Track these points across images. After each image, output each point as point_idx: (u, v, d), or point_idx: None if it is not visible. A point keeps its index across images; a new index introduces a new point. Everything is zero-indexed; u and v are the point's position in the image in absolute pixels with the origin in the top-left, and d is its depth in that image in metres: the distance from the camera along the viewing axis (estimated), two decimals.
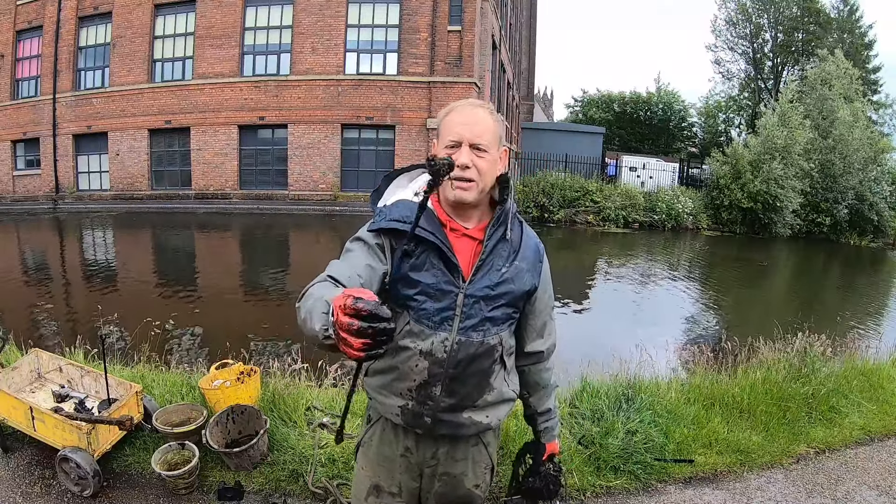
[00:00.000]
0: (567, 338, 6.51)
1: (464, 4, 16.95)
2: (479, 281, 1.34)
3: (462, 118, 1.33)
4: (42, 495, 2.48)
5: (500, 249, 1.37)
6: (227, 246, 13.57)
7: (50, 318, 6.60)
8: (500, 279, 1.35)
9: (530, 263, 1.41)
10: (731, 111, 39.92)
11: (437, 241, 1.30)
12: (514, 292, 1.37)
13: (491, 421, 1.43)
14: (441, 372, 1.35)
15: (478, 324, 1.34)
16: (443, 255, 1.31)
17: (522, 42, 34.54)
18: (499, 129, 1.36)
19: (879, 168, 19.64)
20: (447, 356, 1.34)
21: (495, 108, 1.75)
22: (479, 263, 1.34)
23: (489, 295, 1.34)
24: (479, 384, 1.38)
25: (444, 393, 1.36)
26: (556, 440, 1.67)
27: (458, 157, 1.30)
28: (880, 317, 8.93)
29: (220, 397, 2.93)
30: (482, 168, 1.31)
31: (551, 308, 1.51)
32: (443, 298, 1.33)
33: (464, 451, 1.46)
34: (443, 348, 1.33)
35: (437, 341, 1.33)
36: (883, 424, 3.31)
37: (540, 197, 17.29)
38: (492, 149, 1.33)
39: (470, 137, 1.31)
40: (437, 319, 1.33)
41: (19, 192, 20.28)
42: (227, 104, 18.21)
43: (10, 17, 20.02)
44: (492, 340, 1.36)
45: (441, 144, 1.36)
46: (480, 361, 1.36)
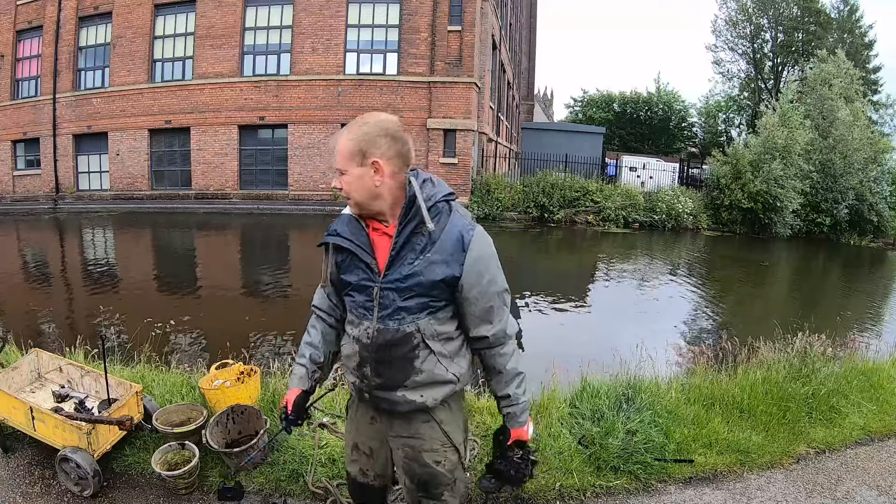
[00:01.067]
0: (567, 338, 6.53)
1: (464, 4, 16.95)
2: (391, 274, 1.51)
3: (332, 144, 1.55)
4: (42, 495, 2.48)
5: (413, 243, 1.50)
6: (227, 246, 13.57)
7: (50, 318, 6.60)
8: (409, 272, 1.49)
9: (447, 254, 1.49)
10: (732, 111, 39.97)
11: (353, 245, 1.55)
12: (423, 283, 1.49)
13: (426, 400, 1.57)
14: (368, 355, 1.57)
15: (392, 313, 1.52)
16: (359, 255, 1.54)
17: (522, 42, 34.54)
18: (354, 144, 1.47)
19: (879, 168, 19.62)
20: (370, 342, 1.55)
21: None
22: (390, 259, 1.51)
23: (399, 287, 1.50)
24: (402, 367, 1.55)
25: (373, 373, 1.58)
26: (524, 427, 1.68)
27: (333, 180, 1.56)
28: (880, 317, 8.93)
29: (220, 397, 2.93)
30: (345, 187, 1.51)
31: (495, 294, 1.55)
32: (364, 292, 1.55)
33: (416, 428, 1.63)
34: (366, 335, 1.55)
35: (362, 329, 1.56)
36: (883, 424, 3.31)
37: (540, 197, 17.28)
38: (349, 167, 1.49)
39: (334, 165, 1.52)
40: (362, 311, 1.56)
41: (19, 192, 20.29)
42: (227, 104, 18.21)
43: (10, 17, 20.03)
44: (407, 328, 1.52)
45: None
46: (399, 347, 1.53)
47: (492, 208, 16.99)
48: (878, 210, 19.38)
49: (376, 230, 1.55)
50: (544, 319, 7.44)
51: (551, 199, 17.24)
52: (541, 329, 7.01)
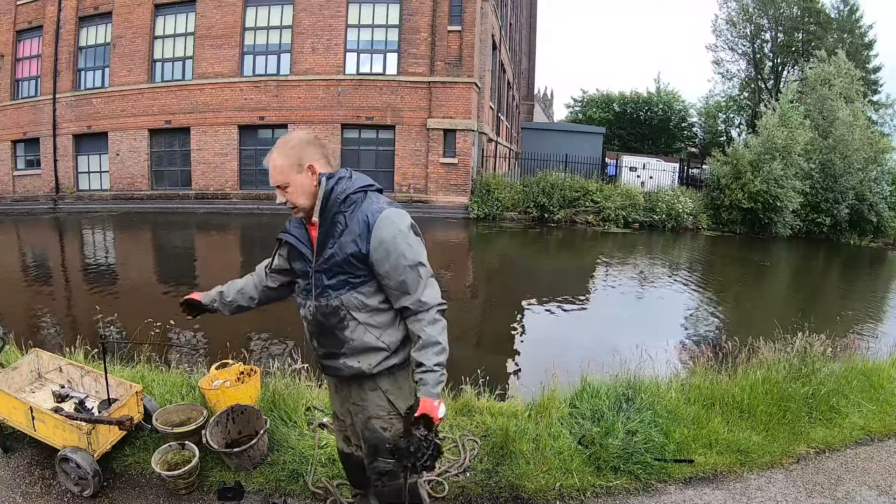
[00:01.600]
0: (567, 338, 6.53)
1: (464, 4, 16.95)
2: (319, 258, 1.79)
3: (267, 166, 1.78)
4: (42, 495, 2.48)
5: (332, 231, 1.76)
6: (227, 246, 13.57)
7: (50, 318, 6.60)
8: (329, 254, 1.76)
9: (355, 235, 1.72)
10: (731, 111, 39.97)
11: (296, 241, 1.85)
12: (338, 262, 1.74)
13: (363, 366, 1.81)
14: (312, 330, 1.87)
15: (321, 292, 1.79)
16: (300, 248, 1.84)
17: (522, 42, 34.53)
18: (288, 159, 1.74)
19: (879, 168, 19.60)
20: (312, 318, 1.84)
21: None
22: (317, 246, 1.79)
23: (323, 268, 1.78)
24: (335, 336, 1.81)
25: (318, 345, 1.88)
26: (434, 402, 1.70)
27: (278, 198, 1.80)
28: (880, 317, 8.93)
29: (220, 397, 2.93)
30: (290, 197, 1.77)
31: (406, 267, 1.72)
32: (305, 277, 1.85)
33: (364, 395, 1.87)
34: (309, 312, 1.85)
35: (307, 308, 1.86)
36: (883, 424, 3.31)
37: (540, 197, 17.27)
38: (290, 179, 1.75)
39: (273, 183, 1.77)
40: (304, 293, 1.86)
41: (19, 192, 20.29)
42: (227, 104, 18.21)
43: (10, 17, 20.03)
44: (333, 303, 1.78)
45: None
46: (328, 319, 1.80)
47: (492, 208, 16.99)
48: (878, 210, 19.36)
49: (313, 224, 1.81)
50: (544, 319, 7.44)
51: (551, 199, 17.24)
52: (541, 329, 7.01)
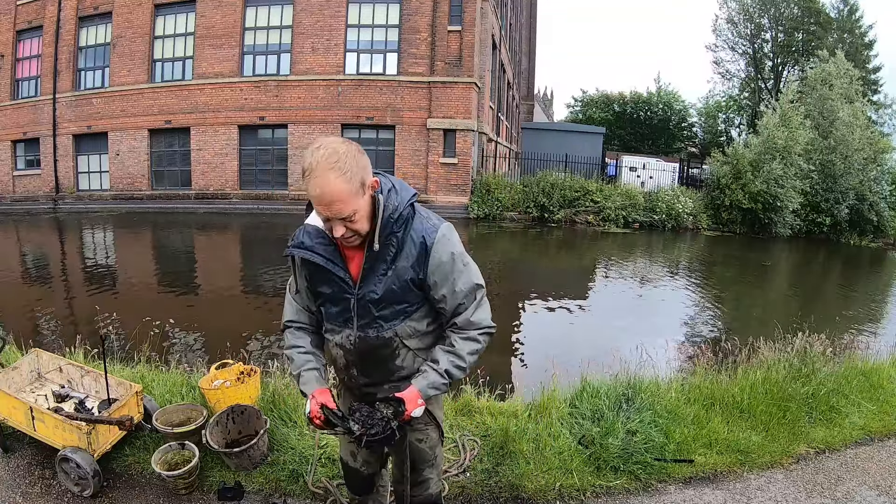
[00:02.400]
0: (567, 338, 6.53)
1: (464, 4, 16.95)
2: (365, 286, 1.56)
3: (315, 194, 1.39)
4: (42, 495, 2.48)
5: (383, 253, 1.53)
6: (227, 246, 13.57)
7: (50, 318, 6.60)
8: (382, 283, 1.55)
9: (413, 259, 1.54)
10: (731, 111, 39.97)
11: (325, 261, 1.55)
12: (396, 292, 1.56)
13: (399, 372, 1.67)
14: (352, 359, 1.66)
15: (370, 322, 1.59)
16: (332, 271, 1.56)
17: (522, 42, 34.53)
18: (353, 184, 1.39)
19: (879, 168, 19.61)
20: (353, 347, 1.63)
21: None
22: (364, 271, 1.55)
23: (374, 298, 1.56)
24: (385, 367, 1.66)
25: (359, 374, 1.68)
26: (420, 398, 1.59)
27: (334, 230, 1.46)
28: (880, 317, 8.93)
29: (220, 397, 2.93)
30: (357, 227, 1.47)
31: (465, 293, 1.59)
32: (340, 303, 1.61)
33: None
34: (349, 342, 1.63)
35: (343, 336, 1.64)
36: (883, 424, 3.31)
37: (540, 197, 17.27)
38: (357, 205, 1.43)
39: (333, 215, 1.42)
40: (341, 320, 1.63)
41: (19, 192, 20.29)
42: (227, 104, 18.21)
43: (10, 17, 20.03)
44: (386, 334, 1.61)
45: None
46: (380, 351, 1.63)
47: (492, 208, 16.99)
48: (878, 210, 19.37)
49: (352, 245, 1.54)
50: (544, 319, 7.44)
51: (551, 199, 17.24)
52: (541, 329, 7.01)
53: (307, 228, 1.60)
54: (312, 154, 1.39)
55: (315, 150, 1.40)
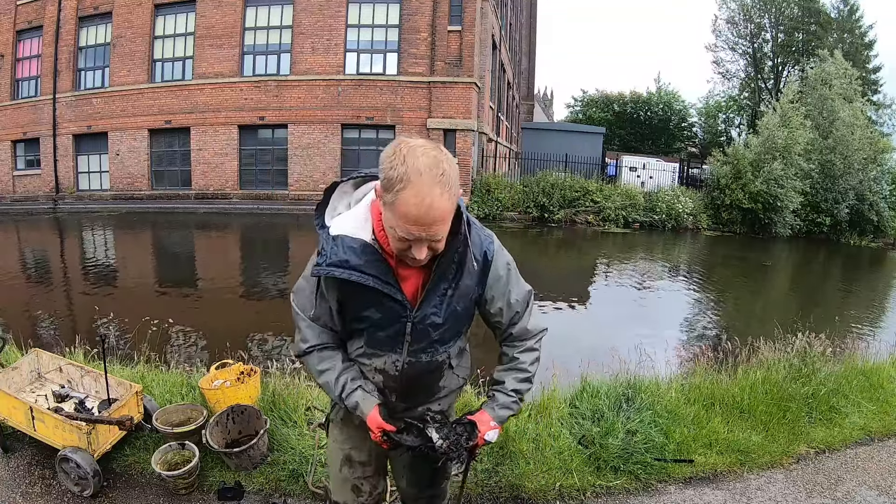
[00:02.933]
0: (567, 338, 6.52)
1: (464, 4, 16.95)
2: (426, 307, 1.38)
3: (417, 212, 1.15)
4: (42, 495, 2.48)
5: (445, 273, 1.37)
6: (227, 246, 13.56)
7: (50, 318, 6.60)
8: (445, 304, 1.39)
9: (474, 275, 1.40)
10: (732, 111, 39.96)
11: (379, 283, 1.32)
12: (459, 313, 1.42)
13: (443, 407, 1.57)
14: (394, 385, 1.47)
15: (426, 346, 1.43)
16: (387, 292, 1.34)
17: (522, 42, 34.53)
18: (454, 201, 1.21)
19: (879, 168, 19.63)
20: (398, 373, 1.45)
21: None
22: (426, 293, 1.37)
23: (434, 322, 1.40)
24: (429, 390, 1.52)
25: (399, 399, 1.50)
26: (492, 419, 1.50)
27: (416, 252, 1.24)
28: (880, 317, 8.93)
29: (220, 397, 2.93)
30: (439, 246, 1.27)
31: (520, 302, 1.51)
32: (391, 327, 1.40)
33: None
34: (394, 367, 1.44)
35: (388, 361, 1.44)
36: (883, 424, 3.31)
37: (540, 197, 17.27)
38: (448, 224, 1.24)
39: (430, 237, 1.21)
40: (388, 345, 1.43)
41: (19, 192, 20.28)
42: (227, 104, 18.21)
43: (10, 17, 20.02)
44: (440, 358, 1.47)
45: (390, 222, 1.22)
46: (431, 376, 1.48)
47: (492, 208, 16.99)
48: (878, 210, 19.38)
49: (403, 262, 1.33)
50: (544, 319, 7.42)
51: (551, 199, 17.24)
52: None
53: (346, 242, 1.32)
54: (408, 161, 1.15)
55: (411, 155, 1.15)
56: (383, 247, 1.32)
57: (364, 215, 1.35)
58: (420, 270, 1.36)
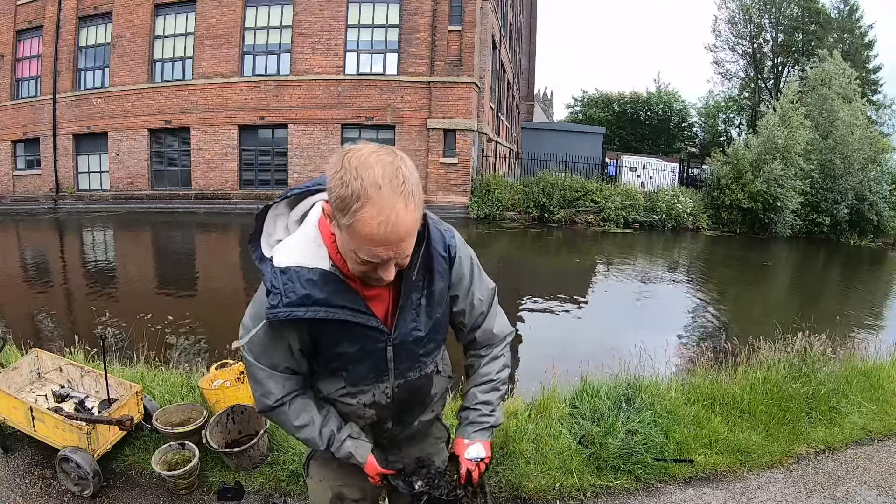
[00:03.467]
0: (567, 338, 6.52)
1: (464, 4, 16.95)
2: (403, 326, 1.25)
3: (382, 231, 1.01)
4: (42, 495, 2.48)
5: (415, 283, 1.24)
6: (227, 246, 13.57)
7: (50, 317, 6.60)
8: (423, 315, 1.26)
9: (446, 276, 1.28)
10: (731, 111, 39.97)
11: (350, 313, 1.18)
12: (439, 320, 1.31)
13: (437, 412, 1.48)
14: (388, 413, 1.35)
15: (412, 365, 1.31)
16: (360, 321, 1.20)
17: (522, 42, 34.53)
18: (419, 210, 1.07)
19: (879, 168, 19.63)
20: (391, 400, 1.33)
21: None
22: (400, 310, 1.23)
23: (416, 337, 1.27)
24: (422, 402, 1.40)
25: (395, 425, 1.39)
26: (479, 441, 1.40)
27: (385, 274, 1.11)
28: (880, 317, 8.93)
29: (220, 397, 2.93)
30: (405, 262, 1.14)
31: (482, 300, 1.38)
32: (371, 358, 1.26)
33: (425, 436, 1.52)
34: (385, 396, 1.32)
35: (377, 393, 1.31)
36: (883, 424, 3.31)
37: (540, 197, 17.27)
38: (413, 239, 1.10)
39: (397, 255, 1.08)
40: (373, 376, 1.29)
41: (19, 192, 20.29)
42: (227, 104, 18.21)
43: (10, 17, 20.03)
44: (428, 369, 1.36)
45: (348, 245, 1.08)
46: (422, 389, 1.37)
47: (492, 208, 16.99)
48: (878, 210, 19.38)
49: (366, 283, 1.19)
50: (544, 319, 7.44)
51: (551, 199, 17.24)
52: (541, 329, 7.01)
53: (301, 274, 1.15)
54: (362, 173, 0.99)
55: (363, 166, 1.00)
56: (342, 271, 1.17)
57: (314, 239, 1.18)
58: (386, 286, 1.21)
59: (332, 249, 1.17)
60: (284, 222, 1.25)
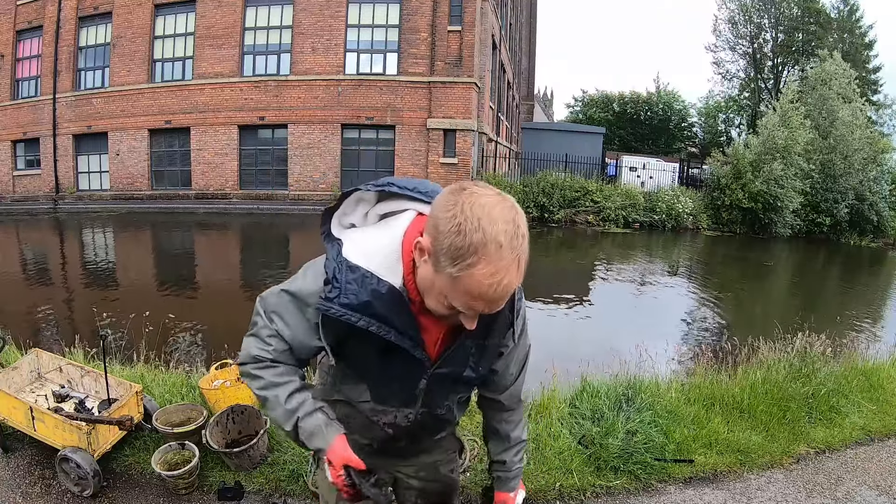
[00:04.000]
0: (567, 338, 6.52)
1: (464, 4, 16.95)
2: (446, 365, 1.19)
3: (488, 292, 0.95)
4: (42, 495, 2.48)
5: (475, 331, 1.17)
6: (227, 246, 13.57)
7: (50, 318, 6.60)
8: (469, 363, 1.21)
9: (502, 333, 1.22)
10: (731, 111, 39.97)
11: (400, 338, 1.11)
12: (483, 375, 1.26)
13: (452, 429, 1.47)
14: (404, 432, 1.31)
15: (441, 401, 1.28)
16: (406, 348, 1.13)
17: (522, 42, 34.52)
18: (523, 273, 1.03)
19: (879, 168, 19.65)
20: (411, 424, 1.29)
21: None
22: (452, 352, 1.18)
23: (455, 376, 1.22)
24: (441, 428, 1.39)
25: (407, 442, 1.36)
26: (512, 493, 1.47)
27: (468, 324, 1.05)
28: (881, 317, 8.93)
29: (220, 397, 2.93)
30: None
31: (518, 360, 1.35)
32: (402, 384, 1.22)
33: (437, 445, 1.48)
34: (406, 420, 1.28)
35: (399, 416, 1.27)
36: (883, 424, 3.31)
37: (540, 197, 17.28)
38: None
39: (491, 310, 1.01)
40: (398, 400, 1.25)
41: (19, 192, 20.29)
42: (227, 104, 18.21)
43: (10, 17, 20.02)
44: (452, 404, 1.33)
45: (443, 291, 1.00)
46: (443, 420, 1.34)
47: None
48: (878, 210, 19.40)
49: (426, 310, 1.09)
50: (544, 319, 7.44)
51: (551, 199, 17.25)
52: (541, 329, 7.01)
53: (370, 283, 1.08)
54: (483, 226, 0.91)
55: (487, 218, 0.92)
56: (410, 293, 1.09)
57: (394, 251, 1.09)
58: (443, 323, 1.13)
59: (407, 270, 1.09)
60: (365, 210, 1.18)
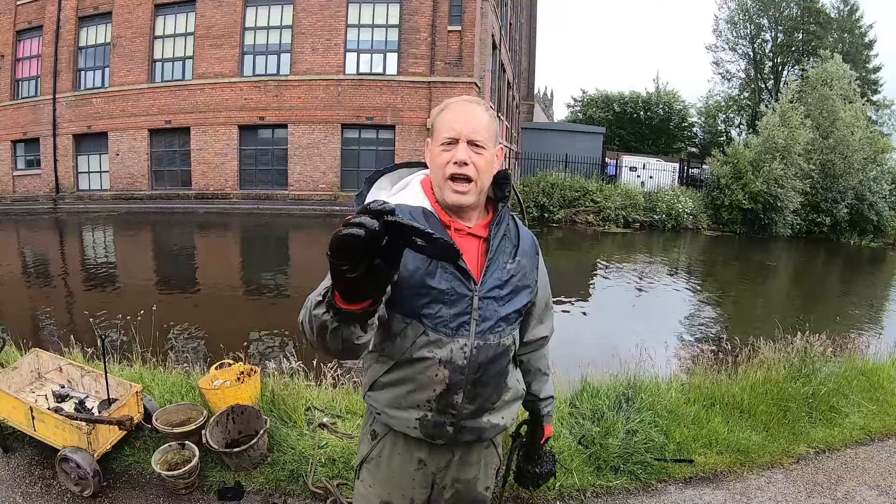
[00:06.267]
0: (567, 338, 6.51)
1: (464, 4, 16.95)
2: (489, 281, 1.32)
3: (458, 115, 1.31)
4: (42, 495, 2.48)
5: (503, 246, 1.36)
6: (227, 246, 13.57)
7: (50, 318, 6.60)
8: (508, 277, 1.34)
9: (530, 258, 1.41)
10: (731, 111, 39.94)
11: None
12: (520, 289, 1.37)
13: (507, 422, 1.43)
14: (462, 379, 1.31)
15: (494, 325, 1.32)
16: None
17: (522, 42, 34.52)
18: (495, 125, 1.34)
19: (879, 168, 19.66)
20: (468, 362, 1.30)
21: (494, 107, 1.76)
22: (488, 263, 1.32)
23: (499, 295, 1.33)
24: (497, 385, 1.37)
25: (465, 400, 1.33)
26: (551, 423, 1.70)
27: (456, 153, 1.27)
28: (880, 317, 8.93)
29: (220, 397, 2.93)
30: (480, 166, 1.29)
31: (549, 296, 1.53)
32: (458, 304, 1.29)
33: (477, 455, 1.44)
34: (462, 355, 1.30)
35: (455, 348, 1.29)
36: (883, 424, 3.31)
37: (540, 197, 17.29)
38: (489, 146, 1.30)
39: (467, 133, 1.28)
40: (454, 325, 1.29)
41: (19, 192, 20.28)
42: (227, 104, 18.21)
43: (10, 17, 20.02)
44: (507, 341, 1.36)
45: (435, 142, 1.33)
46: (499, 362, 1.35)
47: None
48: (878, 210, 19.40)
49: (459, 231, 1.31)
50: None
51: (551, 198, 17.26)
52: None
53: (405, 208, 1.29)
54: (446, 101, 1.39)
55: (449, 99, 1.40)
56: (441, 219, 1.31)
57: (418, 191, 1.38)
58: (477, 243, 1.34)
59: (432, 199, 1.35)
60: (386, 196, 1.41)
